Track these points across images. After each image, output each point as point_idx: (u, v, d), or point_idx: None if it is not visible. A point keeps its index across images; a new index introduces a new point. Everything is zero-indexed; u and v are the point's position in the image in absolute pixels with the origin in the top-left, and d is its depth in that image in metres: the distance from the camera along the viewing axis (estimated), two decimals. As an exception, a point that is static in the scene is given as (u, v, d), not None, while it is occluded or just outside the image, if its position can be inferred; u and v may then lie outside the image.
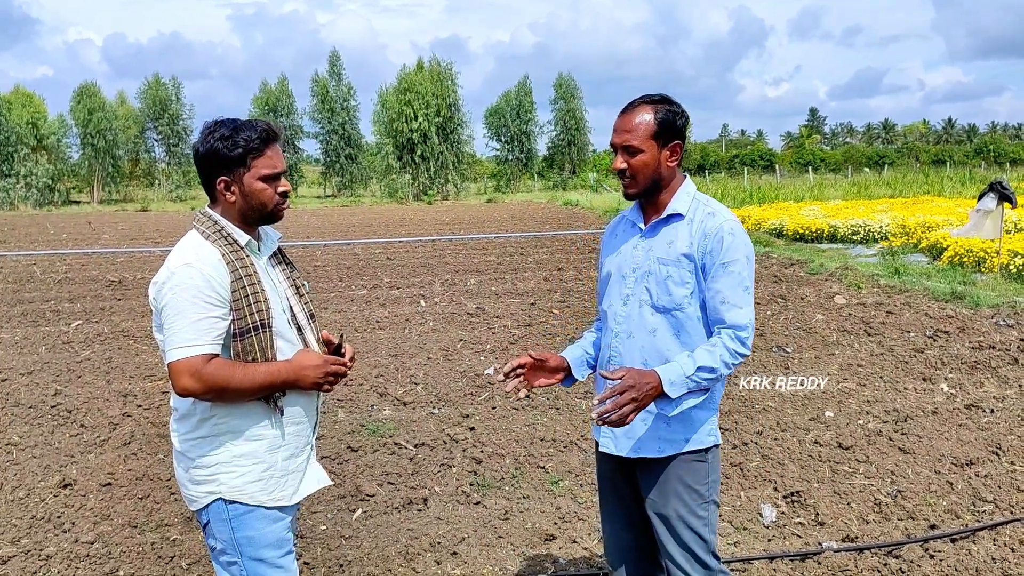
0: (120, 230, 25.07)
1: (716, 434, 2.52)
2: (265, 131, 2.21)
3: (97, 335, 8.68)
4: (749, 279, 2.38)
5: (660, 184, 2.43)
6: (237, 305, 2.17)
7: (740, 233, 2.38)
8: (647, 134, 2.37)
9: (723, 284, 2.35)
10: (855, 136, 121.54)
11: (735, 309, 2.34)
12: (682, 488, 2.46)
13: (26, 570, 3.65)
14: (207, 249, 2.19)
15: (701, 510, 2.48)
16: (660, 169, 2.41)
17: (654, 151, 2.38)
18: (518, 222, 24.33)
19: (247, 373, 2.15)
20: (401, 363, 7.14)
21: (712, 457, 2.51)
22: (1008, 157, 69.66)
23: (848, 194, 30.58)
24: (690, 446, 2.45)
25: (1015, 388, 5.89)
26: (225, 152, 2.17)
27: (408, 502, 4.30)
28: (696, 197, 2.46)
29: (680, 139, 2.41)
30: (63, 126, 51.77)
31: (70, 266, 15.15)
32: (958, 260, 11.81)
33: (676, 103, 2.43)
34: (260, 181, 2.22)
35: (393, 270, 13.53)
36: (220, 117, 2.26)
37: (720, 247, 2.35)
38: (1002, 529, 3.77)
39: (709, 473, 2.50)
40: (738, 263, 2.35)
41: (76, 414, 5.87)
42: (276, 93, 54.46)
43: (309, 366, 2.23)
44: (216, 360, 2.13)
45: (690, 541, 2.47)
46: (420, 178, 49.74)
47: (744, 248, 2.38)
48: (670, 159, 2.41)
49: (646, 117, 2.37)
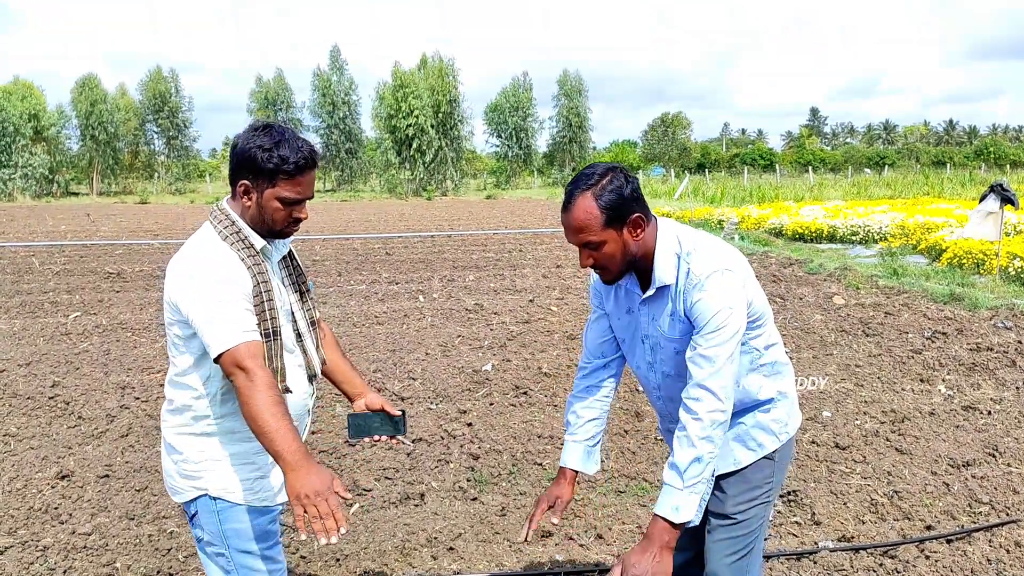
0: (119, 222, 25.06)
1: (791, 425, 2.37)
2: (306, 159, 2.13)
3: (95, 327, 8.67)
4: (728, 334, 2.11)
5: (636, 261, 2.22)
6: (255, 312, 2.15)
7: (716, 291, 2.12)
8: (599, 225, 2.12)
9: (700, 342, 2.14)
10: (856, 137, 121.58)
11: (703, 366, 2.11)
12: (742, 487, 2.34)
13: (23, 561, 3.65)
14: (227, 252, 2.15)
15: (754, 510, 2.34)
16: (630, 251, 2.18)
17: (615, 238, 2.15)
18: (517, 218, 24.33)
19: (281, 411, 2.03)
20: (399, 358, 7.14)
21: (780, 454, 2.36)
22: (1008, 159, 69.67)
23: (848, 194, 30.65)
24: (766, 449, 2.34)
25: (1012, 390, 5.90)
26: (259, 162, 2.10)
27: (405, 497, 4.31)
28: (679, 254, 2.20)
29: (637, 209, 2.15)
30: (62, 117, 51.73)
31: (69, 257, 15.14)
32: (957, 262, 11.82)
33: (614, 172, 2.15)
34: (278, 201, 2.15)
35: (392, 265, 13.53)
36: (270, 121, 2.21)
37: (699, 316, 2.14)
38: (998, 530, 3.78)
39: (774, 473, 2.36)
40: (717, 320, 2.11)
41: (74, 406, 5.86)
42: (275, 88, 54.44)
43: (312, 482, 1.96)
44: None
45: (733, 539, 2.33)
46: (418, 173, 49.74)
47: (720, 303, 2.11)
48: (635, 234, 2.17)
49: (590, 208, 2.11)
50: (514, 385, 6.23)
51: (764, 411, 2.35)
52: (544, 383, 6.30)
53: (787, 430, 2.38)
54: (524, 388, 6.14)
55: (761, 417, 2.35)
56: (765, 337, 2.32)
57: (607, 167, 2.17)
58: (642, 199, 2.18)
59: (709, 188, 38.58)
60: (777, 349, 2.38)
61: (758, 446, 2.35)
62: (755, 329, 2.28)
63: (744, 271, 2.21)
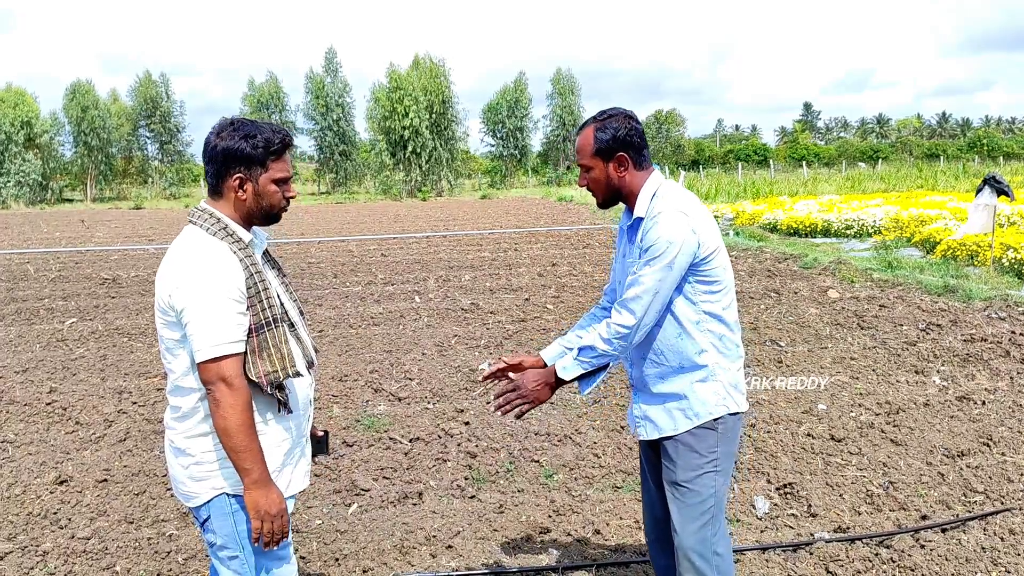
0: (114, 228, 25.02)
1: (730, 402, 2.56)
2: (285, 135, 2.27)
3: (91, 333, 8.67)
4: (661, 263, 2.39)
5: (621, 193, 2.56)
6: (251, 302, 2.17)
7: (665, 222, 2.40)
8: (590, 152, 2.52)
9: (637, 265, 2.46)
10: (849, 131, 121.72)
11: (631, 287, 2.44)
12: (689, 455, 2.56)
13: (23, 566, 3.66)
14: (218, 246, 2.18)
15: (704, 479, 2.55)
16: (612, 182, 2.54)
17: (601, 167, 2.52)
18: (512, 218, 24.35)
19: (254, 430, 2.15)
20: (396, 359, 7.16)
21: (724, 426, 2.56)
22: (1001, 151, 69.90)
23: (842, 189, 30.66)
24: (702, 418, 2.54)
25: (1006, 380, 5.93)
26: (249, 150, 2.19)
27: (403, 496, 4.32)
28: (656, 195, 2.51)
29: (626, 150, 2.49)
30: (55, 124, 51.59)
31: (64, 264, 15.12)
32: (951, 254, 11.86)
33: (621, 116, 2.51)
34: (273, 184, 2.25)
35: (387, 266, 13.54)
36: (232, 116, 2.30)
37: (647, 237, 2.44)
38: (992, 519, 3.81)
39: (718, 443, 2.56)
40: (654, 249, 2.40)
41: (71, 411, 5.87)
42: (267, 91, 54.33)
43: (274, 500, 2.18)
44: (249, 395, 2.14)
45: (689, 507, 2.56)
46: (413, 175, 49.69)
47: (663, 235, 2.39)
48: (619, 171, 2.52)
49: (589, 137, 2.51)
50: (511, 383, 6.24)
51: (701, 381, 2.54)
52: (541, 381, 6.31)
53: (725, 404, 2.56)
54: (521, 386, 6.15)
55: (698, 386, 2.54)
56: (717, 306, 2.52)
57: (618, 111, 2.53)
58: (637, 145, 2.51)
59: (704, 184, 38.60)
60: (728, 328, 2.56)
61: (694, 415, 2.55)
62: (705, 284, 2.48)
63: (701, 220, 2.45)
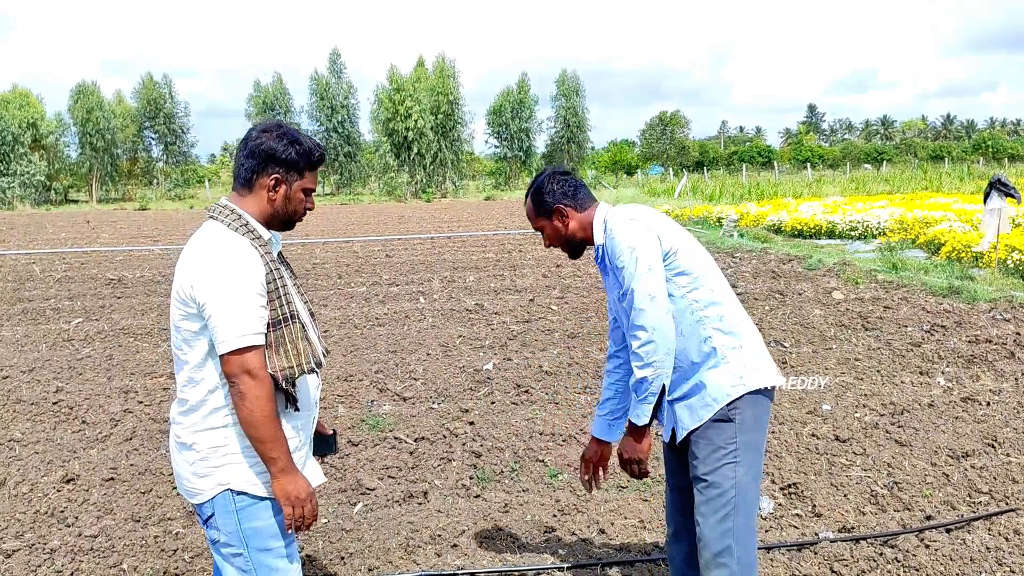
0: (119, 229, 25.09)
1: (749, 379, 2.58)
2: (322, 152, 2.38)
3: (97, 332, 8.71)
4: (635, 268, 2.52)
5: (576, 238, 2.76)
6: (270, 297, 2.21)
7: (620, 233, 2.57)
8: (535, 217, 2.78)
9: (620, 280, 2.58)
10: (853, 132, 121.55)
11: (630, 312, 2.54)
12: (708, 449, 2.59)
13: (31, 563, 3.69)
14: (239, 241, 2.21)
15: (723, 470, 2.56)
16: (563, 233, 2.75)
17: (549, 224, 2.76)
18: (516, 219, 24.34)
19: (279, 421, 2.21)
20: (400, 359, 7.17)
21: (742, 415, 2.57)
22: (1007, 153, 69.77)
23: (847, 190, 30.65)
24: (720, 402, 2.57)
25: (1011, 381, 5.93)
26: (293, 155, 2.28)
27: (408, 495, 4.34)
28: (606, 219, 2.68)
29: (562, 201, 2.71)
30: (61, 125, 51.71)
31: (70, 264, 15.17)
32: (956, 255, 11.85)
33: (546, 178, 2.75)
34: (303, 192, 2.34)
35: (392, 267, 13.56)
36: (279, 121, 2.40)
37: (612, 255, 2.60)
38: (997, 519, 3.81)
39: (737, 434, 2.57)
40: (622, 259, 2.55)
41: (78, 410, 5.90)
42: (273, 92, 54.37)
43: (302, 486, 2.25)
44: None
45: (710, 500, 2.58)
46: (418, 176, 49.69)
47: (622, 243, 2.55)
48: (564, 221, 2.73)
49: (529, 206, 2.78)
50: (515, 384, 6.26)
51: (713, 367, 2.59)
52: (545, 381, 6.33)
53: (743, 383, 2.58)
54: (525, 387, 6.17)
55: (711, 373, 2.59)
56: (704, 291, 2.61)
57: (544, 174, 2.78)
58: (571, 193, 2.73)
59: (708, 186, 38.62)
60: (723, 307, 2.63)
61: (713, 400, 2.59)
62: (683, 276, 2.60)
63: (652, 220, 2.63)
